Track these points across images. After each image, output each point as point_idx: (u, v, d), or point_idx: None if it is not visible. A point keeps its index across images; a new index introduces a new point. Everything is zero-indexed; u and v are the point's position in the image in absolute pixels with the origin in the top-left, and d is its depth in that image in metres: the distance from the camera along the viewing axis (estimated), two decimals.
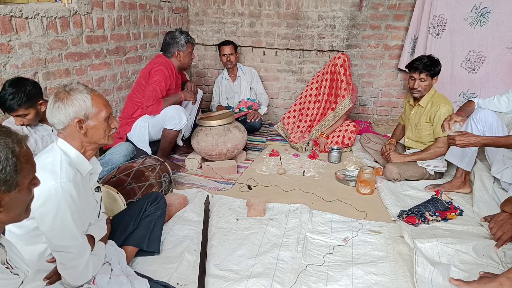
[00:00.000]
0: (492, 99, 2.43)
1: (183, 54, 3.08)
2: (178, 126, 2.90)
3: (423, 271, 1.69)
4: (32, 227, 1.35)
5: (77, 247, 1.38)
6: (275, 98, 4.59)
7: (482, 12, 3.51)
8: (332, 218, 2.30)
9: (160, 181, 2.46)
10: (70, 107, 1.39)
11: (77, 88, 1.43)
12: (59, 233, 1.33)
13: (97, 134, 1.47)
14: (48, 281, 1.42)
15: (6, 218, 0.91)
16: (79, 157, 1.44)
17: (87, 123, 1.43)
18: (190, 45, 3.12)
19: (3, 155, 0.84)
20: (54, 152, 1.40)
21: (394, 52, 4.08)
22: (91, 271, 1.44)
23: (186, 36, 3.07)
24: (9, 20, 2.25)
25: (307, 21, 4.15)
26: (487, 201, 2.34)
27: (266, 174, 3.03)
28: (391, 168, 2.74)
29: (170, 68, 3.03)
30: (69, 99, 1.39)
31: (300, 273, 1.78)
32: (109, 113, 1.49)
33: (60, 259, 1.37)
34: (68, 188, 1.33)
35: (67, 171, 1.36)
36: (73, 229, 1.35)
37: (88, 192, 1.52)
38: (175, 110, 2.90)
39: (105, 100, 1.49)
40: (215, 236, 2.12)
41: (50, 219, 1.31)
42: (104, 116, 1.46)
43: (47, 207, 1.30)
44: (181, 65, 3.15)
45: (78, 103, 1.40)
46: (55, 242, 1.34)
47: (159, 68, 2.95)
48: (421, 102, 2.80)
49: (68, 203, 1.33)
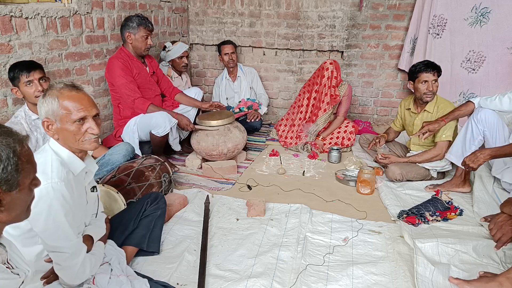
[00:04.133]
0: (494, 99, 2.41)
1: (134, 37, 2.91)
2: (162, 132, 2.88)
3: (424, 271, 1.69)
4: (27, 229, 1.34)
5: (72, 247, 1.37)
6: (275, 98, 4.59)
7: (482, 12, 3.51)
8: (332, 218, 2.30)
9: (160, 181, 2.46)
10: (42, 106, 1.39)
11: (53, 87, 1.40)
12: (52, 233, 1.33)
13: (67, 138, 1.41)
14: (45, 281, 1.42)
15: (7, 218, 0.91)
16: (71, 156, 1.43)
17: (56, 126, 1.39)
18: (143, 28, 2.92)
19: (5, 155, 0.85)
20: (45, 153, 1.40)
21: (394, 52, 4.08)
22: (88, 271, 1.44)
23: (140, 20, 2.92)
24: (9, 20, 2.25)
25: (307, 21, 4.15)
26: (487, 201, 2.34)
27: (266, 174, 3.03)
28: (393, 169, 2.74)
29: (122, 55, 2.92)
30: (45, 98, 1.39)
31: (300, 273, 1.78)
32: (83, 116, 1.39)
33: (56, 259, 1.37)
34: (59, 188, 1.32)
35: (58, 170, 1.35)
36: (66, 229, 1.35)
37: (82, 192, 1.50)
38: (161, 118, 2.86)
39: (81, 103, 1.39)
40: (215, 236, 2.12)
41: (42, 219, 1.30)
42: (73, 119, 1.38)
43: (39, 208, 1.29)
44: (134, 50, 2.97)
45: (46, 104, 1.38)
46: (49, 242, 1.34)
47: (111, 63, 2.88)
48: (428, 108, 2.75)
49: (60, 203, 1.32)
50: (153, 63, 3.25)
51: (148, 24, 2.97)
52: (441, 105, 2.72)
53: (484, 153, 2.14)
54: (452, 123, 2.64)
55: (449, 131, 2.64)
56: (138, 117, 2.97)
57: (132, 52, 2.99)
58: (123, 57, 2.93)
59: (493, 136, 2.36)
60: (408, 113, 2.94)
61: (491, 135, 2.37)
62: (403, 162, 2.81)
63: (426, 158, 2.73)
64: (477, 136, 2.41)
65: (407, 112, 2.95)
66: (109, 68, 2.91)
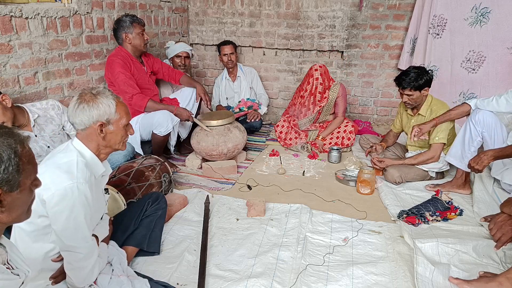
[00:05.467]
0: (491, 101, 2.41)
1: (132, 36, 2.93)
2: (164, 132, 2.89)
3: (424, 271, 1.70)
4: (42, 225, 1.36)
5: (87, 248, 1.39)
6: (275, 98, 4.59)
7: (482, 12, 3.51)
8: (332, 218, 2.30)
9: (160, 181, 2.46)
10: (95, 110, 1.42)
11: (104, 93, 1.46)
12: (71, 233, 1.34)
13: (114, 139, 1.51)
14: (53, 280, 1.43)
15: (7, 219, 0.91)
16: (94, 159, 1.46)
17: (108, 128, 1.46)
18: (137, 25, 2.94)
19: (6, 155, 0.85)
20: (70, 152, 1.42)
21: (394, 52, 4.08)
22: (96, 273, 1.45)
23: (131, 17, 2.94)
24: (9, 20, 2.25)
25: (307, 21, 4.15)
26: (487, 201, 2.34)
27: (266, 174, 3.03)
28: (392, 172, 2.73)
29: (122, 55, 2.92)
30: (95, 102, 1.42)
31: (300, 273, 1.78)
32: (129, 120, 1.54)
33: (69, 259, 1.38)
34: (83, 188, 1.34)
35: (83, 172, 1.37)
36: (85, 230, 1.37)
37: (100, 194, 1.54)
38: (162, 116, 2.87)
39: (127, 108, 1.54)
40: (215, 236, 2.12)
41: (64, 218, 1.32)
42: (124, 123, 1.51)
43: (62, 206, 1.31)
44: (134, 48, 2.99)
45: (103, 107, 1.43)
46: (66, 241, 1.35)
47: (111, 60, 2.88)
48: (421, 112, 2.78)
49: (82, 203, 1.34)
50: (150, 61, 3.24)
51: (140, 20, 3.00)
52: (434, 108, 2.73)
53: (487, 155, 2.16)
54: (445, 126, 2.64)
55: (442, 133, 2.64)
56: (140, 116, 2.97)
57: (131, 52, 2.99)
58: (123, 55, 2.93)
59: (492, 137, 2.36)
60: (406, 114, 2.96)
61: (490, 136, 2.37)
62: (398, 164, 2.81)
63: (421, 160, 2.73)
64: (475, 138, 2.41)
65: (405, 114, 2.98)
66: (109, 66, 2.90)
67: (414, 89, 2.64)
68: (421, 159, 2.73)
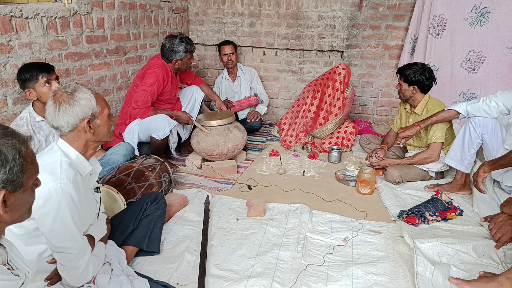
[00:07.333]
0: (481, 105, 2.38)
1: (181, 62, 3.10)
2: (162, 135, 2.90)
3: (424, 271, 1.69)
4: (32, 228, 1.35)
5: (77, 248, 1.38)
6: (275, 98, 4.59)
7: (482, 12, 3.51)
8: (332, 218, 2.30)
9: (160, 181, 2.46)
10: (77, 107, 1.39)
11: (79, 88, 1.44)
12: (59, 234, 1.33)
13: (103, 132, 1.51)
14: (49, 282, 1.42)
15: (10, 218, 0.91)
16: (79, 158, 1.45)
17: (95, 122, 1.45)
18: (189, 53, 3.11)
19: (11, 156, 0.85)
20: (54, 153, 1.40)
21: (394, 52, 4.08)
22: (91, 272, 1.44)
23: (185, 46, 3.03)
24: (9, 20, 2.25)
25: (307, 21, 4.15)
26: (487, 201, 2.34)
27: (266, 174, 3.03)
28: (392, 172, 2.73)
29: (166, 70, 3.04)
30: (75, 100, 1.40)
31: (300, 273, 1.78)
32: (110, 110, 1.54)
33: (60, 260, 1.37)
34: (68, 189, 1.33)
35: (67, 172, 1.36)
36: (73, 230, 1.35)
37: (89, 193, 1.52)
38: (160, 121, 2.88)
39: (104, 99, 1.53)
40: (215, 236, 2.12)
41: (50, 220, 1.31)
42: (107, 113, 1.50)
43: (47, 208, 1.30)
44: (178, 69, 3.16)
45: (84, 102, 1.41)
46: (55, 243, 1.34)
47: (154, 71, 2.96)
48: (417, 110, 2.80)
49: (68, 204, 1.33)
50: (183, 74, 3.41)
51: (193, 48, 3.15)
52: (430, 107, 2.73)
53: (483, 169, 2.18)
54: (442, 125, 2.64)
55: (439, 132, 2.64)
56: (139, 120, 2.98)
57: (173, 70, 3.13)
58: (166, 71, 3.04)
59: (492, 139, 2.36)
60: (405, 112, 2.98)
61: (490, 138, 2.36)
62: (397, 163, 2.81)
63: (420, 159, 2.73)
64: (475, 140, 2.41)
65: (404, 112, 2.99)
66: (147, 72, 2.98)
67: (404, 79, 2.73)
68: (421, 158, 2.72)
